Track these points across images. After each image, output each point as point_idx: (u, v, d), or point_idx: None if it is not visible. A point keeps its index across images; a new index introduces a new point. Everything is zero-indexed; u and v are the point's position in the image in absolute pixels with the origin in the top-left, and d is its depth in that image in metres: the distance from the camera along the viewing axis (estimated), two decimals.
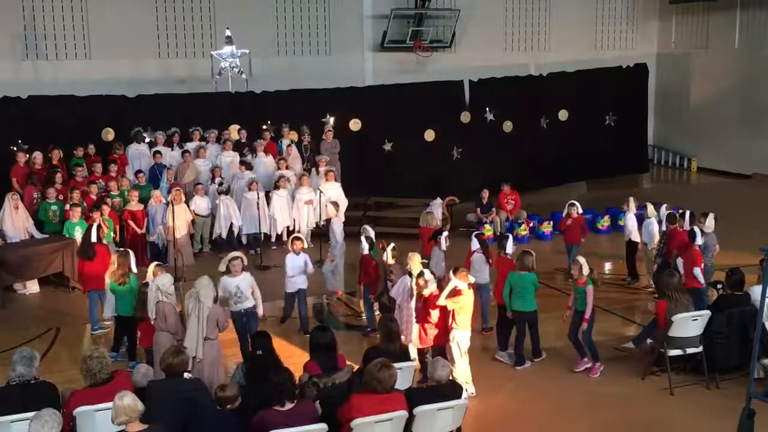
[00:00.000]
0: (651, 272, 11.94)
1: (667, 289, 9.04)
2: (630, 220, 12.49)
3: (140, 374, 7.13)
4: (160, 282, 8.50)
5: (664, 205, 12.46)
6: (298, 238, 10.99)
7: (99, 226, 11.36)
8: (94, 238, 11.04)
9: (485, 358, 9.68)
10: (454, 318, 8.70)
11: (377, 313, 10.62)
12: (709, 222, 11.25)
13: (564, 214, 12.75)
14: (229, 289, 9.38)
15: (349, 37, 20.48)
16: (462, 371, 8.67)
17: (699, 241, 10.57)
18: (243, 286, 9.41)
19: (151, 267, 9.39)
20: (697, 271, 10.13)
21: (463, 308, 8.70)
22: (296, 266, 10.71)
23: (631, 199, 12.70)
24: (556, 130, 19.73)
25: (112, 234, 12.75)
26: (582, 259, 9.27)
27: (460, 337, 8.76)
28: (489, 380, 9.09)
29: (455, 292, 8.63)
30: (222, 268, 9.55)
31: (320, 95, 17.70)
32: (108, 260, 10.44)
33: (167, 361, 6.72)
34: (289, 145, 15.96)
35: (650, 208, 12.31)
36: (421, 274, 9.01)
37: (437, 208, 13.26)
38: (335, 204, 12.85)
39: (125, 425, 5.57)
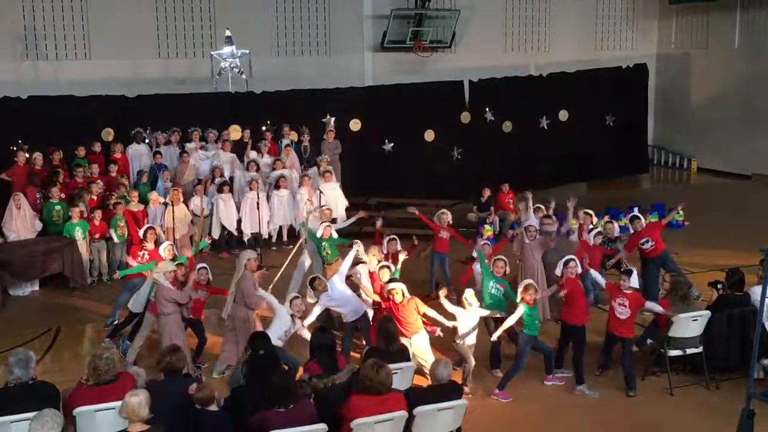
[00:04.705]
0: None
1: (678, 289, 9.06)
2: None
3: (135, 374, 7.10)
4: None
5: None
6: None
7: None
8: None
9: (485, 359, 9.65)
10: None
11: None
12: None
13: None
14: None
15: (349, 37, 20.48)
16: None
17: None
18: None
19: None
20: None
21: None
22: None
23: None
24: (556, 130, 19.74)
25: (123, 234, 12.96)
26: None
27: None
28: (489, 380, 9.11)
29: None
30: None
31: (320, 95, 17.72)
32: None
33: (165, 360, 6.74)
34: (287, 146, 15.95)
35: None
36: (392, 281, 9.16)
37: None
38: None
39: (128, 423, 5.63)
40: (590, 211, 12.09)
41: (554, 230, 11.23)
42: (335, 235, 11.50)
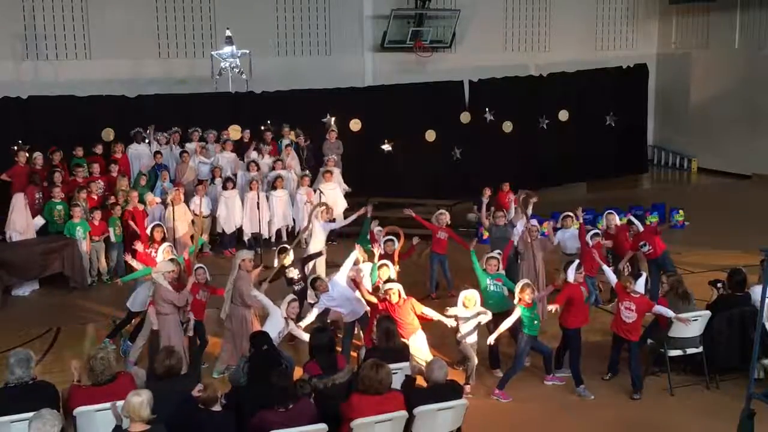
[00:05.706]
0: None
1: (677, 288, 9.05)
2: (567, 233, 11.99)
3: (135, 375, 7.10)
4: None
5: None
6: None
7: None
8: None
9: (485, 359, 9.64)
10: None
11: None
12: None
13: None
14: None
15: (349, 37, 20.48)
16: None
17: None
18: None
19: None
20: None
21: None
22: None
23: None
24: (556, 130, 19.74)
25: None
26: None
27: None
28: (489, 380, 9.11)
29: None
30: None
31: (320, 95, 17.72)
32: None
33: (164, 364, 6.73)
34: (287, 146, 15.95)
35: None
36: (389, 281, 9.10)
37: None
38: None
39: (129, 422, 5.64)
40: (571, 214, 12.08)
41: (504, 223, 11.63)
42: None
